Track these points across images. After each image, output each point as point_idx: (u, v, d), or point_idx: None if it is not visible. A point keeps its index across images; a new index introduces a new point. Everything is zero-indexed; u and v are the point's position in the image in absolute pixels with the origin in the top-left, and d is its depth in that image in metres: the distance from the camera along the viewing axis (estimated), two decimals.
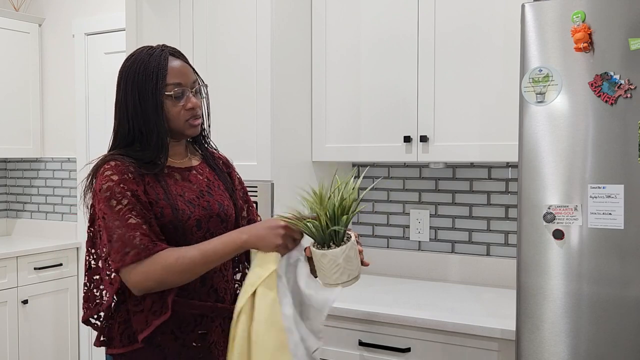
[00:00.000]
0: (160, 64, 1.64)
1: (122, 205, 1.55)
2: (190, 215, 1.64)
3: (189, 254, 1.54)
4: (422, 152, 2.43)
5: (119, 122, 1.69)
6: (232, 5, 2.56)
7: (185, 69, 1.69)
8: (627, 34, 1.70)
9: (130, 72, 1.66)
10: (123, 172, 1.58)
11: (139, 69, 1.65)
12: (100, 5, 3.88)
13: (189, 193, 1.68)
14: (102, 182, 1.58)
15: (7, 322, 3.58)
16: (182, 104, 1.66)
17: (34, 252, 3.71)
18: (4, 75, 3.93)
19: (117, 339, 1.64)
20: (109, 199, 1.56)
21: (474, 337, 2.05)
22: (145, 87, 1.63)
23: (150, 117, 1.63)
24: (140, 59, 1.66)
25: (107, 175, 1.58)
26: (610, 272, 1.74)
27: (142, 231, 1.54)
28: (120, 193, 1.56)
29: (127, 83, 1.66)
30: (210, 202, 1.70)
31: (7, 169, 4.37)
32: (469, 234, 2.72)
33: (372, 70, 2.54)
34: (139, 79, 1.64)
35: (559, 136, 1.79)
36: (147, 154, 1.64)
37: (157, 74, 1.63)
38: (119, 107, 1.68)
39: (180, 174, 1.71)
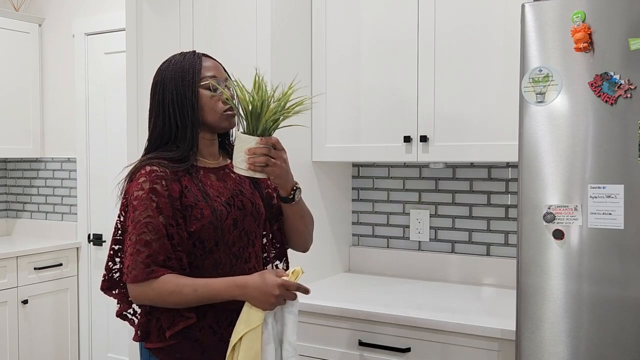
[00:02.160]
0: (195, 61, 1.73)
1: (142, 218, 1.62)
2: (227, 215, 1.72)
3: (184, 290, 1.60)
4: (422, 152, 2.43)
5: (154, 122, 1.74)
6: (232, 5, 2.56)
7: (218, 66, 1.78)
8: (627, 34, 1.70)
9: (167, 72, 1.73)
10: (155, 180, 1.64)
11: (176, 67, 1.72)
12: (100, 5, 3.88)
13: (225, 193, 1.75)
14: (135, 188, 1.65)
15: (7, 322, 3.58)
16: (217, 95, 1.73)
17: (34, 252, 3.71)
18: (4, 75, 3.94)
19: (154, 333, 1.69)
20: (135, 208, 1.63)
21: (474, 337, 2.05)
22: (182, 81, 1.70)
23: (187, 109, 1.69)
24: (175, 60, 1.75)
25: (140, 182, 1.64)
26: (610, 272, 1.74)
27: (149, 251, 1.60)
28: (145, 205, 1.62)
29: (164, 83, 1.73)
30: (244, 201, 1.78)
31: (7, 169, 4.37)
32: (469, 234, 2.72)
33: (372, 70, 2.54)
34: (175, 76, 1.71)
35: (559, 136, 1.79)
36: (180, 150, 1.70)
37: (193, 68, 1.72)
38: (156, 107, 1.74)
39: (216, 174, 1.77)
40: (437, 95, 2.40)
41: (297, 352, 1.70)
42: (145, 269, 1.60)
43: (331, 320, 2.30)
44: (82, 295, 3.97)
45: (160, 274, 1.60)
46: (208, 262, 1.70)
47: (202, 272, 1.68)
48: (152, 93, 1.76)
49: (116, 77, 3.77)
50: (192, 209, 1.67)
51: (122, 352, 3.81)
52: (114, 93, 3.81)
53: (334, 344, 2.30)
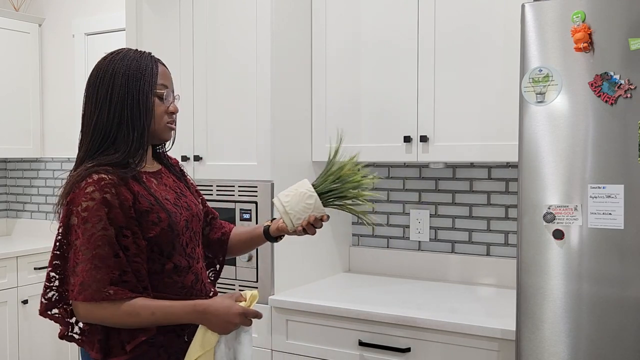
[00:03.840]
0: (152, 64, 1.66)
1: (96, 231, 1.52)
2: (179, 217, 1.68)
3: (142, 313, 1.55)
4: (422, 152, 2.43)
5: (98, 117, 1.64)
6: (232, 5, 2.56)
7: (169, 74, 1.73)
8: (627, 34, 1.70)
9: (120, 66, 1.64)
10: (104, 189, 1.55)
11: (131, 64, 1.64)
12: (100, 5, 3.88)
13: (169, 196, 1.71)
14: (83, 198, 1.54)
15: (7, 322, 3.58)
16: (166, 106, 1.68)
17: (34, 252, 3.71)
18: (4, 75, 3.94)
19: (117, 347, 1.60)
20: (85, 221, 1.53)
21: (474, 337, 2.05)
22: (138, 82, 1.62)
23: (139, 112, 1.62)
24: (131, 56, 1.66)
25: (89, 192, 1.54)
26: (610, 272, 1.74)
27: (106, 269, 1.52)
28: (97, 217, 1.53)
29: (114, 75, 1.63)
30: (188, 202, 1.75)
31: (7, 169, 4.37)
32: (469, 234, 2.72)
33: (372, 70, 2.54)
34: (130, 73, 1.63)
35: (559, 136, 1.79)
36: (121, 154, 1.61)
37: (150, 71, 1.64)
38: (101, 100, 1.63)
39: (155, 178, 1.72)
40: (437, 95, 2.40)
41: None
42: (102, 289, 1.51)
43: (331, 320, 2.30)
44: None
45: (117, 297, 1.52)
46: (168, 267, 1.65)
47: (162, 277, 1.64)
48: (96, 82, 1.65)
49: None
50: (148, 214, 1.60)
51: None
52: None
53: (334, 344, 2.30)
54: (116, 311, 1.54)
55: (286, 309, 2.40)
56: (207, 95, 2.64)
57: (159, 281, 1.63)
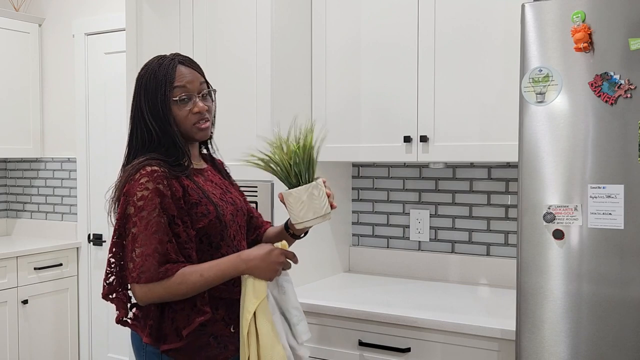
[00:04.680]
0: (168, 72, 1.73)
1: (152, 218, 1.63)
2: (226, 210, 1.78)
3: (191, 279, 1.63)
4: (422, 152, 2.43)
5: (137, 129, 1.76)
6: (232, 5, 2.56)
7: (192, 75, 1.76)
8: (627, 34, 1.70)
9: (142, 81, 1.76)
10: (157, 180, 1.65)
11: (150, 77, 1.74)
12: (100, 5, 3.88)
13: (215, 191, 1.80)
14: (137, 189, 1.64)
15: (7, 322, 3.58)
16: (188, 108, 1.74)
17: (34, 252, 3.71)
18: (4, 75, 3.94)
19: (171, 335, 1.69)
20: (141, 209, 1.63)
21: (474, 337, 2.05)
22: (155, 94, 1.72)
23: (163, 122, 1.72)
24: (151, 68, 1.76)
25: (143, 182, 1.64)
26: (610, 272, 1.74)
27: (161, 251, 1.62)
28: (152, 205, 1.63)
29: (139, 91, 1.75)
30: (233, 198, 1.85)
31: (7, 169, 4.37)
32: (469, 234, 2.72)
33: (372, 70, 2.54)
34: (149, 87, 1.73)
35: (559, 136, 1.79)
36: (172, 156, 1.72)
37: (164, 81, 1.72)
38: (137, 116, 1.76)
39: (202, 175, 1.82)
40: (437, 95, 2.40)
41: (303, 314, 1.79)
42: (159, 269, 1.61)
43: (331, 320, 2.30)
44: (82, 295, 3.97)
45: (173, 272, 1.62)
46: (216, 257, 1.73)
47: None
48: (132, 98, 1.77)
49: (116, 77, 3.77)
50: (197, 207, 1.70)
51: (122, 352, 3.80)
52: (114, 93, 3.81)
53: (334, 344, 2.30)
54: (169, 284, 1.62)
55: None
56: None
57: None
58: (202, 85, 1.77)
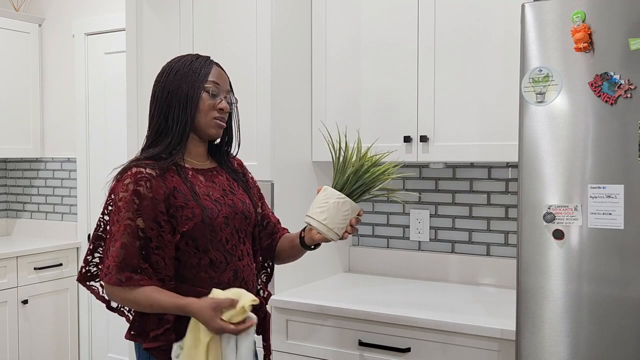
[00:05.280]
0: (205, 65, 1.78)
1: (125, 220, 1.65)
2: (218, 213, 1.74)
3: (142, 304, 1.65)
4: (422, 152, 2.43)
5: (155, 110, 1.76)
6: (232, 5, 2.56)
7: (224, 78, 1.82)
8: (627, 34, 1.70)
9: (176, 65, 1.77)
10: (139, 182, 1.66)
11: (186, 63, 1.77)
12: (100, 5, 3.88)
13: (214, 192, 1.78)
14: (120, 189, 1.68)
15: (7, 322, 3.58)
16: (214, 102, 1.77)
17: (34, 252, 3.71)
18: (4, 75, 3.94)
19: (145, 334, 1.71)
20: (119, 210, 1.66)
21: (474, 337, 2.05)
22: (187, 77, 1.74)
23: (185, 104, 1.72)
24: (188, 58, 1.79)
25: (125, 183, 1.67)
26: (610, 272, 1.74)
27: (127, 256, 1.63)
28: (127, 207, 1.65)
29: (170, 73, 1.76)
30: (234, 200, 1.81)
31: (7, 169, 4.37)
32: (469, 234, 2.72)
33: (372, 69, 2.54)
34: (183, 70, 1.75)
35: (559, 136, 1.79)
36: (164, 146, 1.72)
37: (200, 70, 1.76)
38: (158, 95, 1.76)
39: (204, 175, 1.80)
40: (437, 95, 2.40)
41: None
42: (120, 274, 1.63)
43: (331, 320, 2.30)
44: (82, 295, 3.97)
45: (129, 283, 1.63)
46: (204, 261, 1.71)
47: (199, 272, 1.71)
48: (156, 80, 1.79)
49: (116, 77, 3.77)
50: (182, 210, 1.68)
51: (122, 352, 3.80)
52: (114, 93, 3.81)
53: (334, 344, 2.30)
54: (127, 296, 1.65)
55: (286, 309, 2.40)
56: None
57: (195, 275, 1.71)
58: (229, 91, 1.84)
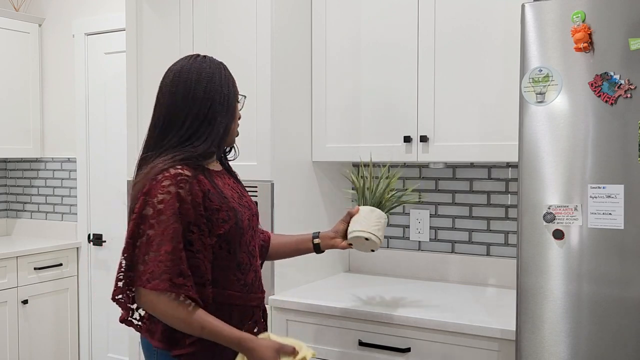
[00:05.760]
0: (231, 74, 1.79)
1: (170, 224, 1.58)
2: (244, 215, 1.76)
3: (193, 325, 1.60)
4: (422, 152, 2.43)
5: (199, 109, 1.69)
6: (232, 5, 2.56)
7: None
8: (627, 34, 1.70)
9: (218, 70, 1.74)
10: (180, 184, 1.61)
11: (225, 71, 1.76)
12: (100, 5, 3.88)
13: (233, 194, 1.77)
14: (159, 191, 1.60)
15: (7, 322, 3.58)
16: (240, 110, 1.83)
17: (34, 252, 3.71)
18: (4, 75, 3.94)
19: (182, 340, 1.66)
20: (160, 213, 1.59)
21: (474, 337, 2.05)
22: (226, 83, 1.74)
23: (227, 111, 1.74)
24: (217, 62, 1.76)
25: (165, 185, 1.60)
26: (610, 272, 1.74)
27: (175, 261, 1.57)
28: (170, 210, 1.59)
29: (214, 77, 1.72)
30: (248, 201, 1.83)
31: (7, 169, 4.37)
32: (469, 234, 2.72)
33: (372, 69, 2.54)
34: (222, 75, 1.74)
35: (559, 136, 1.79)
36: (207, 144, 1.70)
37: (233, 80, 1.78)
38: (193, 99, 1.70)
39: (220, 178, 1.79)
40: (437, 95, 2.40)
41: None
42: (168, 280, 1.56)
43: (331, 320, 2.30)
44: (82, 295, 3.97)
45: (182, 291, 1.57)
46: (233, 264, 1.72)
47: (228, 274, 1.70)
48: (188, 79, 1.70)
49: (116, 77, 3.77)
50: (218, 212, 1.66)
51: (122, 352, 3.80)
52: (114, 93, 3.81)
53: (334, 344, 2.30)
54: (173, 311, 1.58)
55: (286, 309, 2.40)
56: None
57: (224, 278, 1.70)
58: None
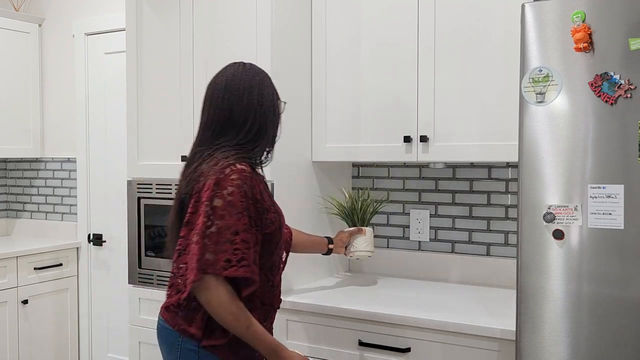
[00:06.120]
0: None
1: (240, 216, 1.67)
2: (282, 219, 1.88)
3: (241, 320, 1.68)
4: (422, 152, 2.43)
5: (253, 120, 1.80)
6: (232, 5, 2.56)
7: None
8: (627, 34, 1.70)
9: (265, 80, 1.85)
10: (246, 180, 1.70)
11: (270, 80, 1.87)
12: (100, 5, 3.88)
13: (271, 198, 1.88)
14: (229, 184, 1.68)
15: (7, 322, 3.58)
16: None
17: (34, 252, 3.71)
18: (4, 75, 3.94)
19: (219, 330, 1.72)
20: (230, 204, 1.66)
21: (474, 337, 2.05)
22: (276, 95, 1.87)
23: (278, 116, 1.87)
24: (262, 71, 1.87)
25: (234, 179, 1.68)
26: (610, 272, 1.74)
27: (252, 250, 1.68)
28: (240, 203, 1.68)
29: (262, 87, 1.83)
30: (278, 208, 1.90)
31: (7, 169, 4.37)
32: (469, 234, 2.72)
33: (372, 70, 2.54)
34: (272, 87, 1.86)
35: (559, 136, 1.79)
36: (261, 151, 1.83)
37: (275, 87, 1.89)
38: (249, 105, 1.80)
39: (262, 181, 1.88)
40: (437, 95, 2.40)
41: None
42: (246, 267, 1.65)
43: (331, 320, 2.30)
44: (82, 295, 3.97)
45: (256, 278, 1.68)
46: (267, 264, 1.79)
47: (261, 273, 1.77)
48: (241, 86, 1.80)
49: (116, 77, 3.77)
50: (267, 212, 1.76)
51: (122, 352, 3.80)
52: (114, 93, 3.81)
53: (334, 344, 2.30)
54: (229, 302, 1.65)
55: (286, 309, 2.40)
56: None
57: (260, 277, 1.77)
58: None
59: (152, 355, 2.76)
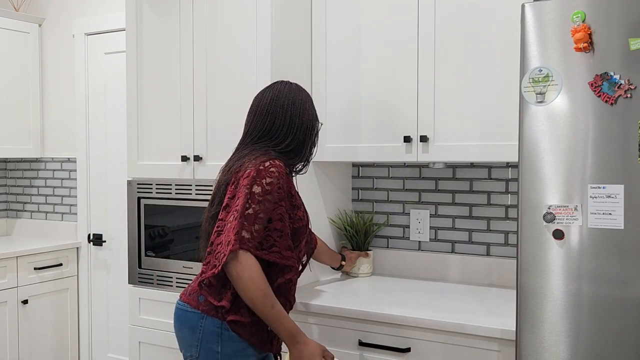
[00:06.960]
0: None
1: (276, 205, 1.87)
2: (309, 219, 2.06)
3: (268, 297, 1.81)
4: (422, 152, 2.43)
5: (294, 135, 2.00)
6: (232, 5, 2.56)
7: None
8: (627, 34, 1.70)
9: (307, 100, 2.06)
10: (282, 175, 1.89)
11: (307, 98, 2.07)
12: (100, 5, 3.88)
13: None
14: (267, 175, 1.86)
15: (7, 322, 3.58)
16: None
17: (34, 252, 3.71)
18: (4, 75, 3.94)
19: (245, 308, 1.86)
20: (268, 192, 1.85)
21: (474, 337, 2.05)
22: (313, 114, 2.08)
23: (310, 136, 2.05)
24: (304, 91, 2.09)
25: (273, 171, 1.87)
26: (610, 272, 1.74)
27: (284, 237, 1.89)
28: (277, 193, 1.87)
29: (305, 106, 2.04)
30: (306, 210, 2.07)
31: (7, 169, 4.37)
32: (469, 234, 2.72)
33: (372, 70, 2.54)
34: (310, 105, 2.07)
35: (559, 136, 1.79)
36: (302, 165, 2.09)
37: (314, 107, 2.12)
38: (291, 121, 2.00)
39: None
40: (437, 95, 2.40)
41: None
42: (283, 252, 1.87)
43: (331, 320, 2.30)
44: (82, 295, 3.97)
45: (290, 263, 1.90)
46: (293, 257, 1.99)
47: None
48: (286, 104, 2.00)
49: (116, 77, 3.77)
50: (297, 209, 1.96)
51: (122, 352, 3.81)
52: (114, 93, 3.81)
53: (334, 344, 2.30)
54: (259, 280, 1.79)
55: None
56: (207, 95, 2.64)
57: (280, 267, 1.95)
58: None
59: (152, 355, 2.76)
